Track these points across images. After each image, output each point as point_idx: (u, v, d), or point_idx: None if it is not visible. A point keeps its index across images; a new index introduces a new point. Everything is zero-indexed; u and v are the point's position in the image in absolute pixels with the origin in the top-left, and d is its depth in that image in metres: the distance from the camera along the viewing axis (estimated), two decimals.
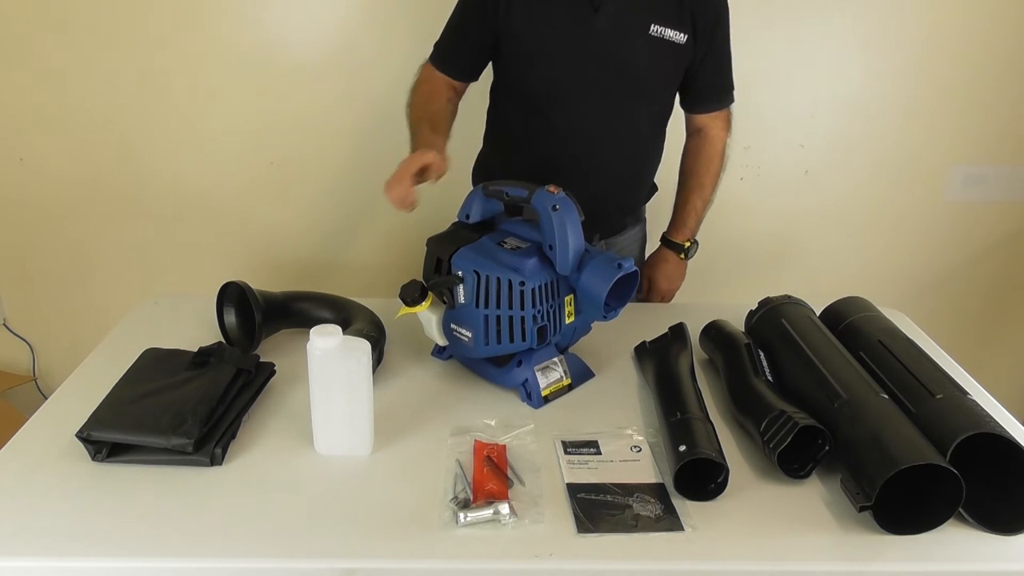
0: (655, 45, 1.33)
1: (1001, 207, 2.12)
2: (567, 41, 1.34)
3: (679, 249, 1.58)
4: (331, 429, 0.98)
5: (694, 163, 1.53)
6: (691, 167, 1.54)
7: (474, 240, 1.11)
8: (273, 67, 1.91)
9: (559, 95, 1.38)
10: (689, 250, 1.58)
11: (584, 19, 1.32)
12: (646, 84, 1.40)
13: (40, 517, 0.87)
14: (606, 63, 1.35)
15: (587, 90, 1.37)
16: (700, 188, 1.53)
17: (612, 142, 1.42)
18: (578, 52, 1.34)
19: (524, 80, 1.40)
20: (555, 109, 1.38)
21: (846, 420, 0.94)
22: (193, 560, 0.82)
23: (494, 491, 0.91)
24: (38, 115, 1.96)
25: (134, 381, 1.06)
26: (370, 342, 0.99)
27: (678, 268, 1.60)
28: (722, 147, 1.52)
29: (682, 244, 1.57)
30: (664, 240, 1.61)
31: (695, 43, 1.36)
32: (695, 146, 1.53)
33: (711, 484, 0.92)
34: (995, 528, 0.87)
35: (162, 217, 2.08)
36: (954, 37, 1.93)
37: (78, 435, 0.94)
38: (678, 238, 1.58)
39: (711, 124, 1.50)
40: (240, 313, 1.24)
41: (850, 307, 1.22)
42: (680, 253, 1.58)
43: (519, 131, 1.46)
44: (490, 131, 1.53)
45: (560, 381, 1.14)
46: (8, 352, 2.24)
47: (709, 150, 1.51)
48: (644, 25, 1.32)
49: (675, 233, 1.58)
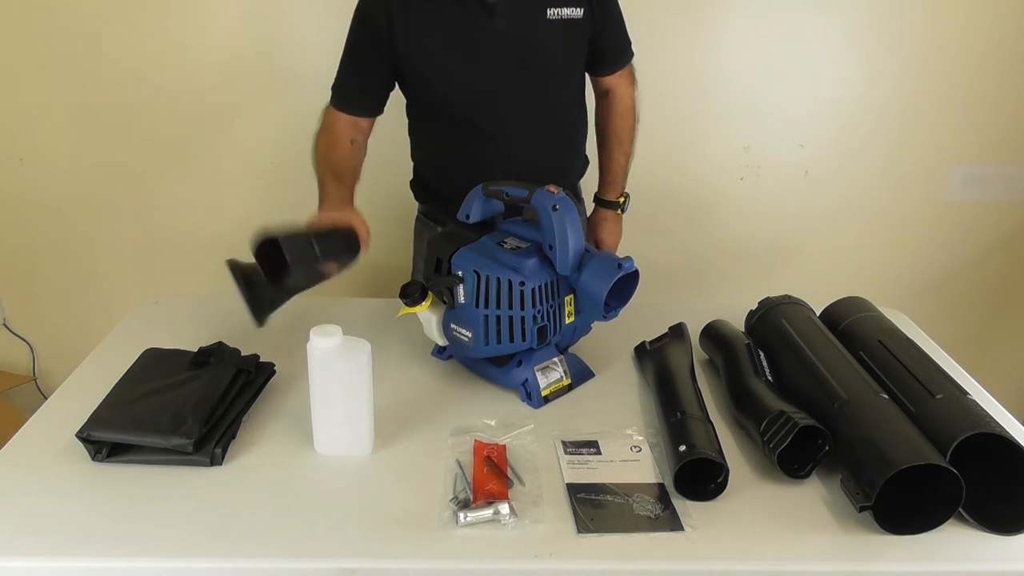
0: (556, 28, 1.34)
1: (1001, 207, 2.12)
2: (470, 49, 1.34)
3: (614, 206, 1.61)
4: (331, 429, 0.98)
5: (609, 122, 1.56)
6: (607, 126, 1.57)
7: (474, 240, 1.12)
8: (273, 67, 1.91)
9: (476, 101, 1.38)
10: (623, 204, 1.62)
11: (481, 24, 1.31)
12: (558, 67, 1.41)
13: (40, 517, 0.87)
14: (515, 59, 1.35)
15: (502, 89, 1.37)
16: (620, 144, 1.57)
17: (539, 131, 1.43)
18: (484, 56, 1.34)
19: (437, 95, 1.40)
20: (475, 114, 1.39)
21: (846, 420, 0.94)
22: (193, 560, 0.82)
23: (494, 491, 0.91)
24: (38, 115, 1.96)
25: (134, 381, 1.06)
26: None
27: (617, 223, 1.64)
28: (631, 102, 1.55)
29: (616, 200, 1.61)
30: (598, 200, 1.63)
31: (592, 13, 1.37)
32: (606, 106, 1.56)
33: (711, 484, 0.92)
34: (995, 528, 0.87)
35: (162, 217, 2.08)
36: (954, 37, 1.93)
37: (78, 435, 0.94)
38: (611, 195, 1.61)
39: (618, 83, 1.53)
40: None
41: (850, 307, 1.22)
42: (616, 209, 1.62)
43: (445, 144, 1.46)
44: (416, 149, 1.53)
45: (560, 381, 1.14)
46: (8, 352, 2.24)
47: (621, 107, 1.54)
48: (540, 12, 1.33)
49: (607, 192, 1.61)
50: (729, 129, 2.02)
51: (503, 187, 1.11)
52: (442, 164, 1.49)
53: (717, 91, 1.98)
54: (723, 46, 1.95)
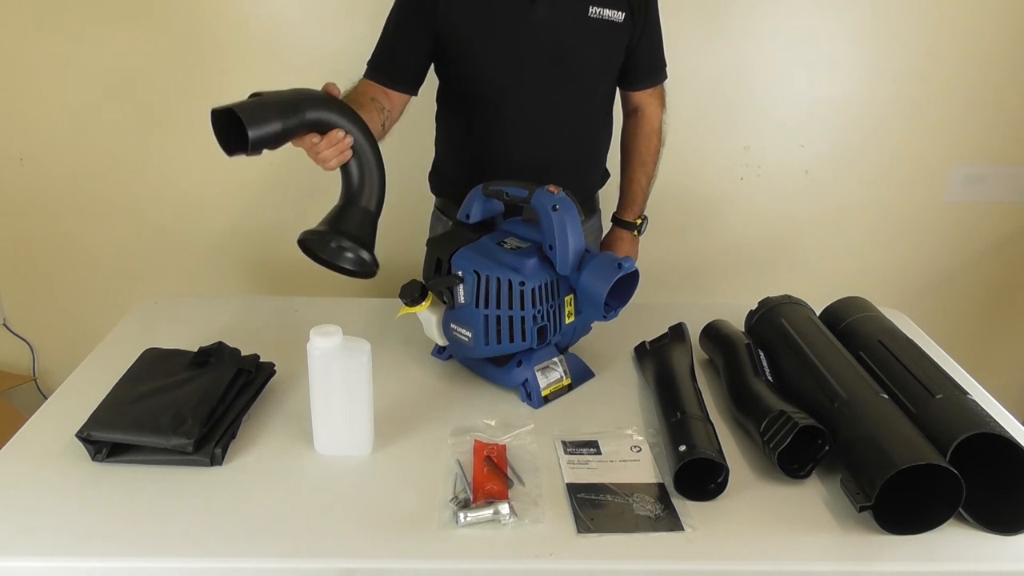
0: (596, 27, 1.34)
1: (1001, 208, 2.12)
2: (508, 35, 1.34)
3: (631, 227, 1.61)
4: (331, 429, 0.98)
5: (634, 142, 1.56)
6: (632, 146, 1.57)
7: (474, 240, 1.12)
8: (273, 67, 1.91)
9: (505, 89, 1.38)
10: (640, 227, 1.61)
11: (522, 11, 1.31)
12: (591, 68, 1.41)
13: (40, 517, 0.87)
14: (550, 52, 1.35)
15: (534, 81, 1.37)
16: (643, 165, 1.57)
17: (564, 129, 1.43)
18: (520, 45, 1.34)
19: (469, 78, 1.40)
20: (503, 103, 1.39)
21: (846, 420, 0.94)
22: (193, 560, 0.82)
23: (494, 491, 0.91)
24: (38, 115, 1.96)
25: (134, 381, 1.06)
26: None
27: (632, 245, 1.63)
28: (659, 124, 1.55)
29: (633, 222, 1.60)
30: (616, 220, 1.63)
31: (633, 20, 1.37)
32: (633, 125, 1.56)
33: (711, 484, 0.92)
34: (995, 528, 0.87)
35: (162, 217, 2.08)
36: (954, 37, 1.93)
37: (78, 435, 0.94)
38: (628, 216, 1.60)
39: (647, 102, 1.53)
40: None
41: (850, 307, 1.22)
42: (633, 231, 1.61)
43: (469, 130, 1.46)
44: (441, 136, 1.53)
45: (560, 381, 1.14)
46: (8, 352, 2.24)
47: (647, 128, 1.54)
48: (583, 8, 1.33)
49: (625, 212, 1.61)
50: (729, 129, 2.02)
51: (503, 187, 1.11)
52: (463, 153, 1.49)
53: (717, 91, 1.98)
54: (723, 46, 1.94)
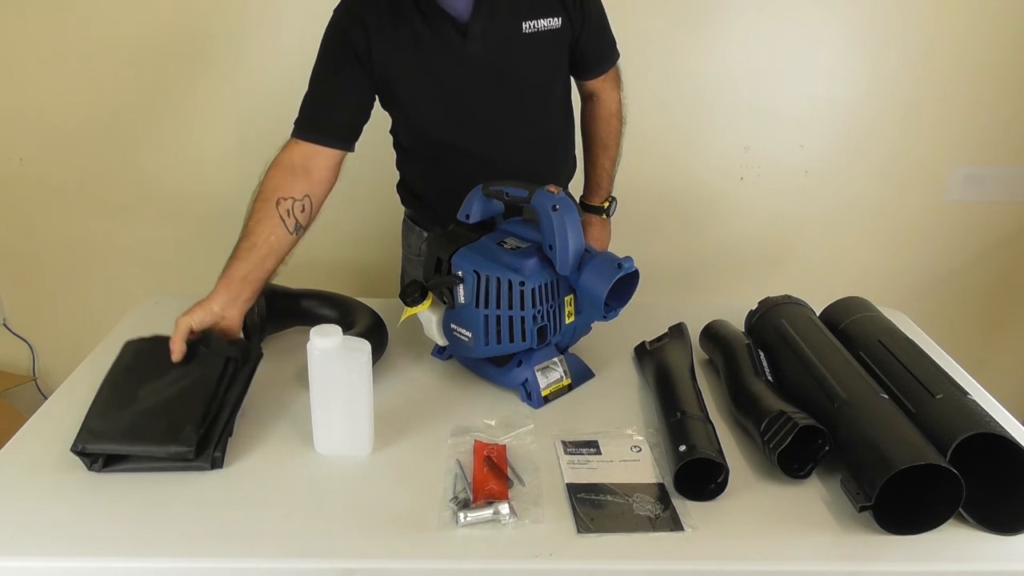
0: (533, 41, 1.31)
1: (1001, 208, 2.12)
2: (443, 75, 1.30)
3: (599, 211, 1.59)
4: (331, 429, 0.98)
5: (594, 126, 1.54)
6: (592, 130, 1.55)
7: (474, 240, 1.12)
8: (273, 67, 1.91)
9: (454, 123, 1.36)
10: (609, 209, 1.60)
11: (455, 48, 1.28)
12: (537, 81, 1.38)
13: (40, 517, 0.87)
14: (490, 80, 1.32)
15: (481, 110, 1.35)
16: (605, 148, 1.55)
17: (527, 142, 1.41)
18: (458, 81, 1.31)
19: (418, 119, 1.38)
20: (455, 137, 1.37)
21: (846, 420, 0.94)
22: (193, 560, 0.82)
23: (494, 491, 0.91)
24: (38, 115, 1.96)
25: (121, 383, 1.03)
26: (371, 343, 0.98)
27: (604, 228, 1.62)
28: (617, 106, 1.53)
29: (601, 205, 1.59)
30: (583, 205, 1.61)
31: (570, 20, 1.34)
32: (591, 110, 1.53)
33: (711, 484, 0.92)
34: (995, 528, 0.87)
35: (162, 217, 2.08)
36: (954, 38, 1.93)
37: (73, 450, 0.92)
38: (595, 200, 1.59)
39: (602, 87, 1.50)
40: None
41: (850, 307, 1.22)
42: (601, 214, 1.60)
43: (428, 160, 1.44)
44: (401, 160, 1.50)
45: (560, 381, 1.14)
46: (8, 352, 2.24)
47: (604, 112, 1.52)
48: (515, 27, 1.29)
49: (592, 196, 1.59)
50: (729, 129, 2.02)
51: (503, 187, 1.11)
52: (426, 177, 1.48)
53: (717, 91, 1.98)
54: (723, 46, 1.95)
